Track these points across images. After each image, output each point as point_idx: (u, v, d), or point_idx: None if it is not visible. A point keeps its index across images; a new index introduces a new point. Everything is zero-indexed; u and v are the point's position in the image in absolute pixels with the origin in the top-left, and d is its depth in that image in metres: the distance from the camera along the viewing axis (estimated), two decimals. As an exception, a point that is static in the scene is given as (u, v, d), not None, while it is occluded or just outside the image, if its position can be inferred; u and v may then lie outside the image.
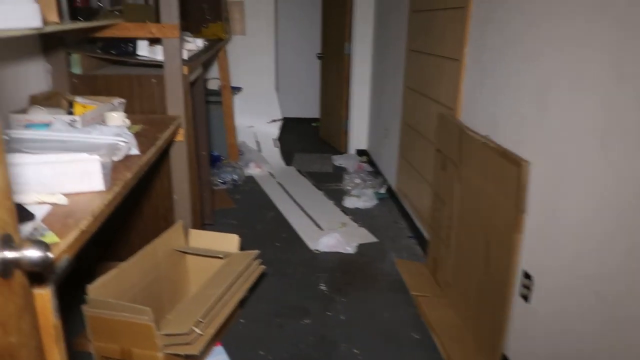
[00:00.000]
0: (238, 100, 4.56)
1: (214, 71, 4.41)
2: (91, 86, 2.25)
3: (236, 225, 3.27)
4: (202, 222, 2.89)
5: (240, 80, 4.61)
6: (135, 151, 1.64)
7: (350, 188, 3.89)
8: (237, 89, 4.51)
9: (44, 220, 1.13)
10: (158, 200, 2.51)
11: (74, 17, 1.83)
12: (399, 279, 2.63)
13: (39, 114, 1.87)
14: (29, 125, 1.72)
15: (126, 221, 2.53)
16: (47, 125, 1.72)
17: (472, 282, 2.07)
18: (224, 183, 3.94)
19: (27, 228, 1.06)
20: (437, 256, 2.52)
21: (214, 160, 4.08)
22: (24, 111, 1.87)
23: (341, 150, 4.99)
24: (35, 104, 1.95)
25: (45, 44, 2.12)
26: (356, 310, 2.36)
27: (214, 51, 3.46)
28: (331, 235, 3.00)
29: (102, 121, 1.94)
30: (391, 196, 3.76)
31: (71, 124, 1.78)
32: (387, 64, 4.01)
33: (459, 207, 2.22)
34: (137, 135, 1.85)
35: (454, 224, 2.29)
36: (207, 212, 3.12)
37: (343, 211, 3.55)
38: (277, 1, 4.68)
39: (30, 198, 1.19)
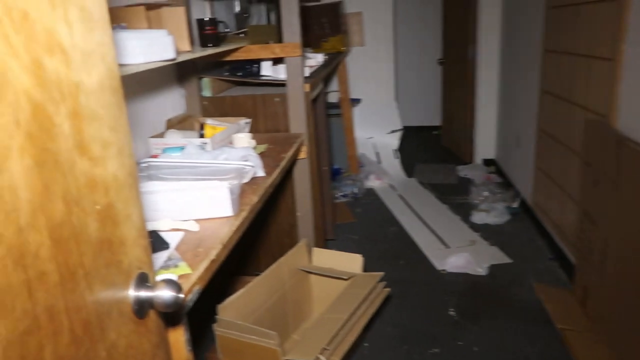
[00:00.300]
0: (357, 112, 4.52)
1: (334, 84, 4.43)
2: (220, 107, 2.34)
3: (357, 241, 3.20)
4: (324, 237, 2.87)
5: (359, 91, 4.57)
6: (261, 173, 1.64)
7: (478, 202, 3.62)
8: (356, 101, 4.47)
9: (177, 249, 1.14)
10: (282, 216, 2.53)
11: (204, 44, 1.91)
12: (539, 307, 2.34)
13: (174, 138, 1.97)
14: (165, 149, 1.82)
15: (252, 235, 2.59)
16: (181, 148, 1.80)
17: (638, 318, 1.75)
18: (344, 196, 3.91)
19: (162, 257, 1.08)
20: (587, 284, 2.19)
21: (335, 173, 4.07)
22: (161, 135, 1.99)
23: (466, 160, 4.69)
24: (171, 127, 2.07)
25: (180, 70, 2.25)
26: (491, 342, 2.14)
27: (334, 65, 3.45)
28: (460, 254, 2.79)
29: (229, 142, 1.99)
30: (525, 211, 3.41)
31: (202, 147, 1.85)
32: (517, 67, 3.68)
33: (619, 230, 1.90)
34: (262, 156, 1.87)
35: (610, 248, 1.96)
36: (328, 227, 3.10)
37: (471, 227, 3.30)
38: (396, 9, 4.57)
39: (164, 225, 1.23)
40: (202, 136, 2.09)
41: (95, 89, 0.68)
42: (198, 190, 1.25)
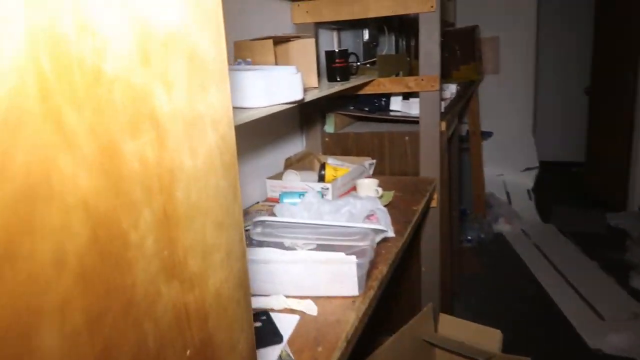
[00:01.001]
0: (486, 146, 4.08)
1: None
2: (342, 145, 2.13)
3: (485, 298, 2.78)
4: (450, 293, 2.50)
5: (490, 123, 4.13)
6: (390, 233, 1.38)
7: (637, 261, 2.99)
8: (487, 134, 4.04)
9: (291, 342, 0.91)
10: (402, 269, 2.23)
11: (332, 78, 1.71)
12: None
13: (293, 179, 1.79)
14: (283, 194, 1.64)
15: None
16: (300, 193, 1.60)
17: None
18: (469, 241, 3.49)
19: (272, 356, 0.86)
20: None
21: (460, 214, 3.67)
22: (279, 176, 1.82)
23: (617, 206, 3.99)
24: (290, 166, 1.90)
25: (302, 104, 2.08)
26: None
27: (468, 96, 3.10)
28: (621, 331, 2.26)
29: (352, 187, 1.76)
30: None
31: (323, 193, 1.64)
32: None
33: None
34: (390, 207, 1.61)
35: None
36: (453, 280, 2.72)
37: (631, 294, 2.71)
38: (538, 32, 4.08)
39: (277, 303, 1.01)
40: (322, 177, 1.89)
41: (201, 173, 0.46)
42: (320, 263, 1.01)
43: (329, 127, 2.14)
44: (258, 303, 1.01)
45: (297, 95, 1.14)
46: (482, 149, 3.90)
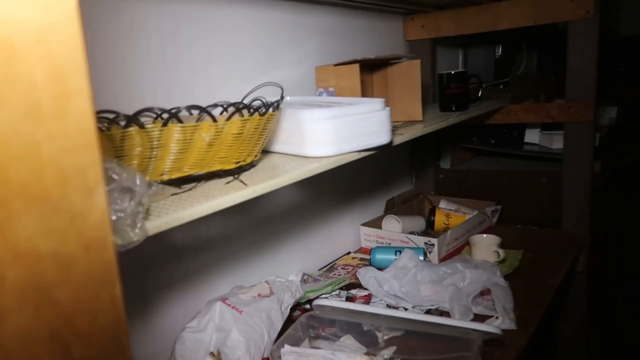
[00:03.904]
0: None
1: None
2: (459, 184, 1.76)
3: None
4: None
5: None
6: (507, 324, 1.00)
7: None
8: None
9: None
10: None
11: (445, 107, 1.38)
12: None
13: (392, 227, 1.49)
14: (375, 250, 1.35)
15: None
16: (397, 249, 1.30)
17: None
18: (627, 300, 2.80)
19: None
20: None
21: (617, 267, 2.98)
22: (378, 221, 1.53)
23: None
24: (391, 209, 1.60)
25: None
26: None
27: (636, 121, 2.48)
28: None
29: (466, 243, 1.40)
30: None
31: (427, 250, 1.32)
32: None
33: None
34: (515, 277, 1.23)
35: None
36: (607, 355, 2.14)
37: None
38: None
39: None
40: (431, 225, 1.55)
41: None
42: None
43: (445, 162, 1.79)
44: None
45: (380, 138, 0.85)
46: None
